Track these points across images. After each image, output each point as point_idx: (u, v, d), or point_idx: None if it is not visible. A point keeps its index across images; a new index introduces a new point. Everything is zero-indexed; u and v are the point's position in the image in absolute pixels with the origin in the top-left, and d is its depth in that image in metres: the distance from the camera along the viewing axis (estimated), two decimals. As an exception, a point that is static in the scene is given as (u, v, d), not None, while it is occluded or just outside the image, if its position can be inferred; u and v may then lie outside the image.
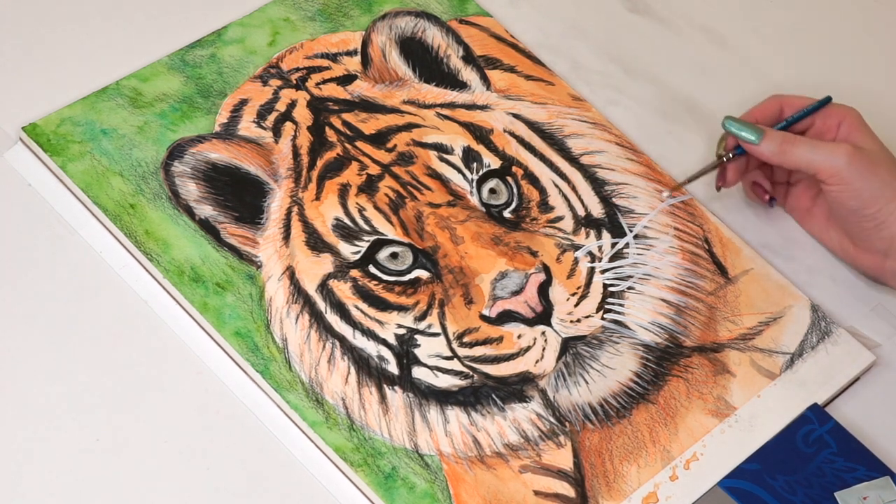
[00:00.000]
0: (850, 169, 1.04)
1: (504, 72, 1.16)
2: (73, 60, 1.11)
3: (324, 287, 1.03)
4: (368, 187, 1.07)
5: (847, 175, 1.04)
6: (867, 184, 1.04)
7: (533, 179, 1.10)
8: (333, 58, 1.14)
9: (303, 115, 1.10)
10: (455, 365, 1.01)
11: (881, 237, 1.06)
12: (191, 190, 1.05)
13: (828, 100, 1.10)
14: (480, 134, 1.11)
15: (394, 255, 1.04)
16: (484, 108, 1.13)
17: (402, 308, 1.03)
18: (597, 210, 1.09)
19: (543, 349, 1.02)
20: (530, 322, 1.02)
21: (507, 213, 1.07)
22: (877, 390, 1.07)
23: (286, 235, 1.05)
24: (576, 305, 1.04)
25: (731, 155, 1.10)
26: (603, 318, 1.04)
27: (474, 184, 1.08)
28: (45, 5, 1.14)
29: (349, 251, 1.04)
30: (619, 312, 1.05)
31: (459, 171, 1.09)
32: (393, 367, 1.01)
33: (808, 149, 1.06)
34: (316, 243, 1.04)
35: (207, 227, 1.04)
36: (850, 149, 1.05)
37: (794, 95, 1.12)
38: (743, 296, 1.08)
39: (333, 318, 1.02)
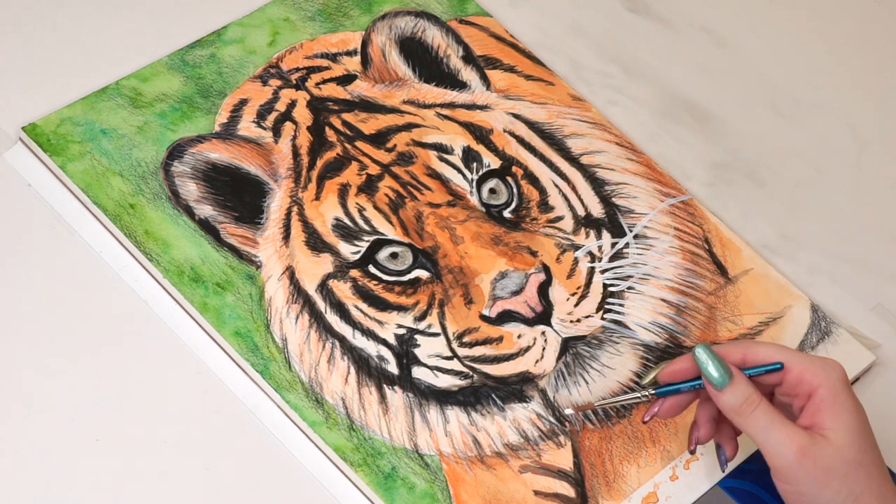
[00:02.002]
0: (799, 469, 0.89)
1: (504, 72, 1.16)
2: (73, 60, 1.11)
3: (324, 287, 1.03)
4: (368, 187, 1.07)
5: (793, 475, 0.90)
6: (814, 490, 0.89)
7: (533, 179, 1.10)
8: (333, 58, 1.14)
9: (302, 114, 1.10)
10: (455, 365, 1.01)
11: None
12: (191, 190, 1.05)
13: (777, 366, 0.93)
14: (480, 134, 1.11)
15: (394, 255, 1.04)
16: (484, 108, 1.13)
17: (401, 308, 1.03)
18: (597, 210, 1.09)
19: (543, 349, 1.02)
20: (530, 322, 1.02)
21: (506, 213, 1.07)
22: (877, 390, 1.07)
23: (286, 235, 1.05)
24: (576, 305, 1.04)
25: (650, 393, 0.95)
26: (603, 318, 1.04)
27: (474, 184, 1.08)
28: (46, 5, 1.14)
29: (349, 251, 1.04)
30: (619, 312, 1.05)
31: (459, 171, 1.09)
32: (393, 367, 1.01)
33: (763, 425, 0.90)
34: (316, 243, 1.04)
35: (207, 227, 1.04)
36: (803, 444, 0.89)
37: (765, 344, 0.95)
38: (743, 296, 1.08)
39: (333, 318, 1.02)
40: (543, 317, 1.02)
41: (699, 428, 0.96)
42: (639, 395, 0.95)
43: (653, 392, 0.95)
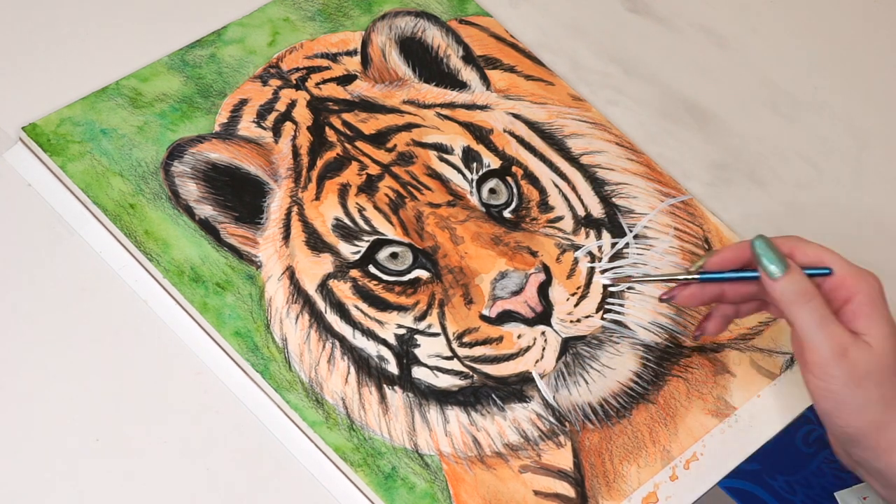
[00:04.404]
0: (836, 368, 0.91)
1: (504, 72, 1.16)
2: (73, 60, 1.11)
3: (324, 287, 1.03)
4: (368, 187, 1.07)
5: (828, 372, 0.91)
6: (846, 390, 0.91)
7: (533, 179, 1.10)
8: (333, 58, 1.14)
9: (303, 114, 1.10)
10: (455, 365, 1.01)
11: (844, 446, 0.95)
12: (191, 190, 1.05)
13: (826, 272, 0.95)
14: (480, 134, 1.11)
15: (394, 255, 1.04)
16: (484, 108, 1.13)
17: (401, 308, 1.03)
18: (597, 210, 1.09)
19: (543, 349, 1.02)
20: (530, 322, 1.02)
21: (506, 213, 1.07)
22: (877, 390, 1.07)
23: (286, 235, 1.05)
24: (575, 305, 1.04)
25: (694, 277, 0.97)
26: (603, 318, 1.04)
27: (474, 184, 1.08)
28: (46, 5, 1.14)
29: (349, 251, 1.04)
30: (619, 312, 1.05)
31: (459, 171, 1.09)
32: (393, 367, 1.01)
33: (813, 319, 0.92)
34: (316, 243, 1.04)
35: (207, 227, 1.04)
36: (846, 344, 0.91)
37: (812, 244, 0.96)
38: (743, 296, 1.08)
39: (333, 318, 1.02)
40: (543, 317, 1.02)
41: (711, 320, 0.98)
42: (683, 276, 0.97)
43: (697, 277, 0.96)
